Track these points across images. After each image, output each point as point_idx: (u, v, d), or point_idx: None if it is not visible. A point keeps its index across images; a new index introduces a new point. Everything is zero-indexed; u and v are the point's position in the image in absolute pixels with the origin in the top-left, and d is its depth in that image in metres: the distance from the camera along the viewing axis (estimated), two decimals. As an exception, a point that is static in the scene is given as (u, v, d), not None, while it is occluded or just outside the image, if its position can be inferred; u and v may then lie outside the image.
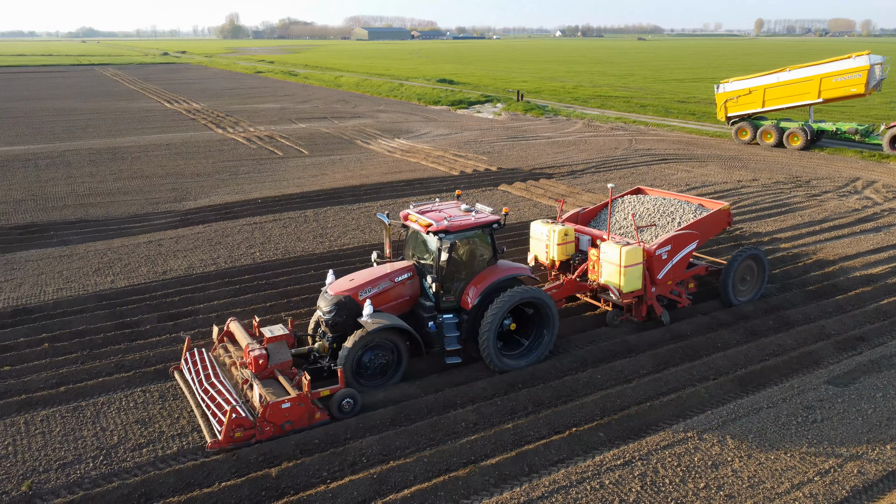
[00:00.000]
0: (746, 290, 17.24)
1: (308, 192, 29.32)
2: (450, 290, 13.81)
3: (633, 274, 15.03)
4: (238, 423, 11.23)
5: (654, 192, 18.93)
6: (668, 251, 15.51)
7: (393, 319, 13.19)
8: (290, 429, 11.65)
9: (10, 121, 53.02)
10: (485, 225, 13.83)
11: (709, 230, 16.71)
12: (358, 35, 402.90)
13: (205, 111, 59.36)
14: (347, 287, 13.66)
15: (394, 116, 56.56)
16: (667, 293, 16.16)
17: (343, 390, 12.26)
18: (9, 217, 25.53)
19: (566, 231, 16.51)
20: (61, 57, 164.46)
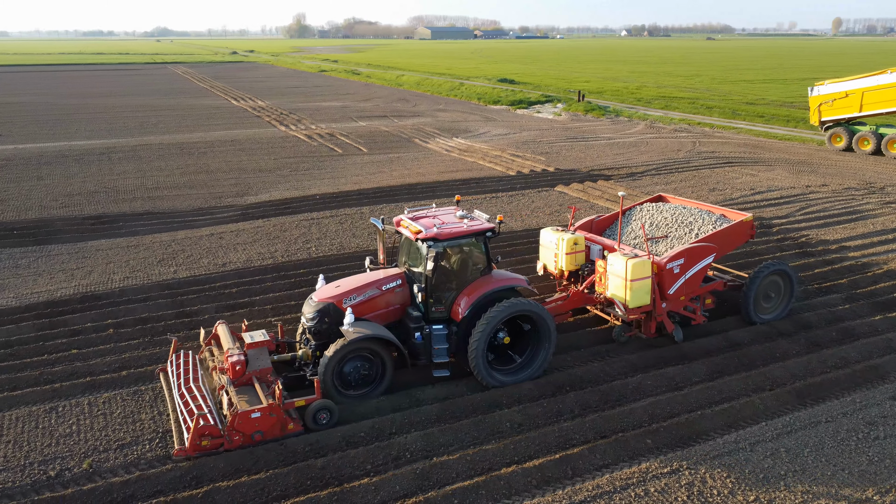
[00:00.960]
0: (771, 307, 16.15)
1: (365, 190, 29.71)
2: (440, 300, 13.20)
3: (641, 288, 14.11)
4: (205, 431, 10.88)
5: (676, 200, 17.81)
6: (680, 265, 14.51)
7: (375, 329, 12.65)
8: (261, 439, 11.25)
9: (89, 116, 55.57)
10: (477, 233, 13.15)
11: (728, 243, 15.64)
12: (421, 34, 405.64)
13: (269, 109, 60.86)
14: (332, 294, 13.19)
15: (453, 116, 56.72)
16: (679, 309, 15.17)
17: (319, 402, 11.79)
18: (82, 208, 26.79)
19: (576, 240, 15.72)
20: (137, 56, 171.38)
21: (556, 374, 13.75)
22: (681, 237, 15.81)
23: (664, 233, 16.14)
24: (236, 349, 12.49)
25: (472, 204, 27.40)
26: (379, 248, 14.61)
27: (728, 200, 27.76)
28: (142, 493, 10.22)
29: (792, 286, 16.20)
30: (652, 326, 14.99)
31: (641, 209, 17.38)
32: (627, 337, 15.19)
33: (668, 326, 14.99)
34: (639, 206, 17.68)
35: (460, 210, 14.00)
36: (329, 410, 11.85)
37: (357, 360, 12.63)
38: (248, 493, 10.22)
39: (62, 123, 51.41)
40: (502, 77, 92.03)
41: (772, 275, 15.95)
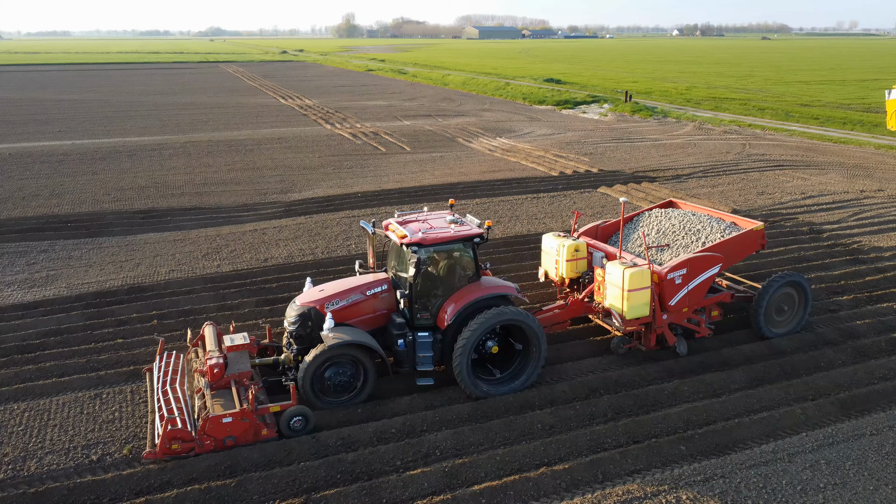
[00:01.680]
0: (784, 321, 15.36)
1: (406, 188, 29.88)
2: (426, 307, 12.88)
3: (639, 299, 13.47)
4: (176, 435, 10.77)
5: (687, 206, 17.10)
6: (682, 275, 13.82)
7: (356, 335, 12.45)
8: (233, 444, 11.10)
9: (143, 113, 57.26)
10: (465, 239, 12.82)
11: (735, 253, 14.85)
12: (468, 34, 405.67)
13: (316, 107, 61.71)
14: (315, 298, 13.02)
15: (497, 115, 56.61)
16: (682, 322, 14.40)
17: (294, 408, 11.59)
18: (133, 202, 27.63)
19: (577, 246, 15.17)
20: (190, 55, 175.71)
21: (590, 377, 13.62)
22: (686, 246, 15.08)
23: (670, 240, 15.41)
24: (217, 352, 12.35)
25: (513, 204, 27.34)
26: (369, 251, 14.38)
27: (777, 205, 27.04)
28: (177, 480, 10.49)
29: (807, 299, 15.34)
30: (652, 339, 14.27)
31: (650, 215, 16.65)
32: (626, 349, 14.55)
33: (670, 339, 14.29)
34: (647, 211, 16.99)
35: (451, 215, 13.58)
36: (304, 416, 11.60)
37: (338, 366, 12.39)
38: (279, 484, 10.41)
39: (117, 120, 53.09)
40: (549, 77, 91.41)
41: (785, 286, 15.09)
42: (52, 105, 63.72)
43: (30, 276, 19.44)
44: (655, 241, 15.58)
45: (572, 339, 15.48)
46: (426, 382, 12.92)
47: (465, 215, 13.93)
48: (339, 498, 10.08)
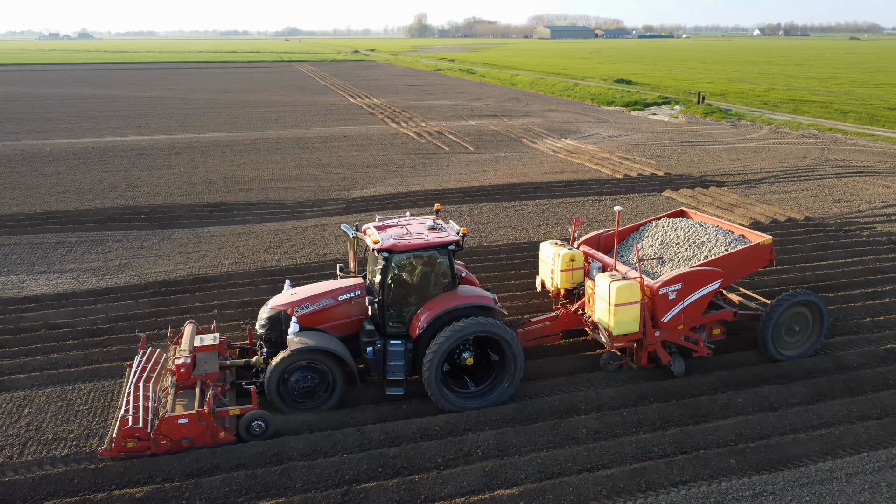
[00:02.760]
0: (796, 342, 14.36)
1: (467, 188, 29.95)
2: (398, 315, 12.62)
3: (627, 314, 12.82)
4: (132, 433, 10.73)
5: (698, 217, 16.14)
6: (677, 290, 12.98)
7: (322, 340, 12.23)
8: (189, 446, 10.99)
9: (216, 111, 59.36)
10: (439, 246, 12.44)
11: (738, 268, 13.89)
12: (540, 34, 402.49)
13: (383, 106, 62.54)
14: (286, 301, 12.89)
15: (564, 116, 56.02)
16: (676, 339, 13.56)
17: (254, 412, 11.46)
18: (202, 196, 28.71)
19: (572, 256, 14.55)
20: (266, 54, 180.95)
21: (641, 385, 13.35)
22: (688, 259, 14.25)
23: (672, 252, 14.62)
24: (187, 351, 12.37)
25: (573, 206, 27.03)
26: (350, 255, 14.17)
27: (854, 213, 25.79)
28: (226, 465, 10.86)
29: (822, 320, 14.23)
30: (643, 356, 13.52)
31: (657, 225, 15.85)
32: (616, 366, 13.88)
33: (663, 358, 13.50)
34: (654, 221, 16.16)
35: (434, 220, 13.26)
36: (264, 421, 11.46)
37: (304, 371, 12.20)
38: (322, 474, 10.64)
39: (193, 117, 55.23)
40: (619, 77, 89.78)
41: (797, 306, 14.07)
42: (134, 102, 66.82)
43: (104, 263, 20.48)
44: (657, 252, 14.83)
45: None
46: (396, 392, 12.50)
47: (448, 222, 13.57)
48: (379, 491, 10.23)
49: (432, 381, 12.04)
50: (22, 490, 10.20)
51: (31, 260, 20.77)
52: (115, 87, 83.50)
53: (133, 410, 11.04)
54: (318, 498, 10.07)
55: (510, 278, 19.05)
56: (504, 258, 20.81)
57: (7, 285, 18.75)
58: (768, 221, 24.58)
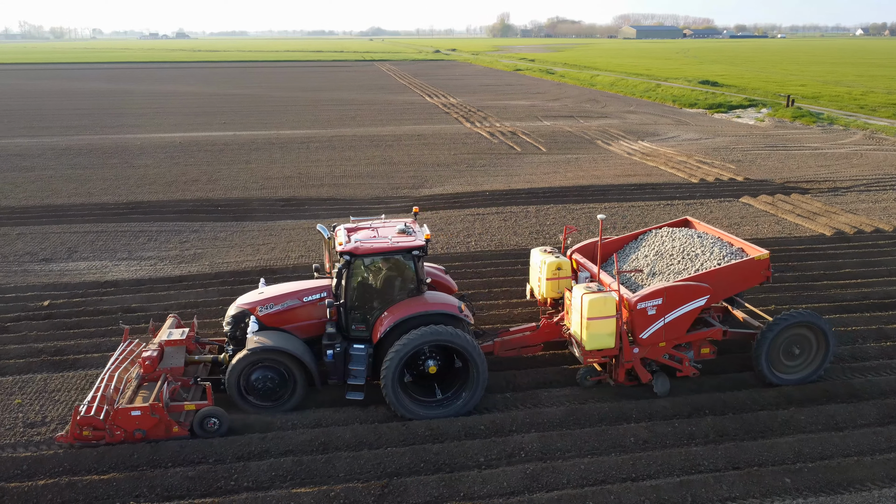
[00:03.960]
0: (797, 366, 13.35)
1: (535, 189, 29.74)
2: (361, 319, 12.47)
3: (600, 328, 12.22)
4: (88, 422, 10.94)
5: (701, 227, 15.19)
6: (657, 305, 12.24)
7: (280, 340, 12.17)
8: (142, 437, 11.13)
9: (298, 108, 61.18)
10: (403, 250, 12.25)
11: (729, 284, 13.04)
12: (625, 34, 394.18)
13: (459, 106, 62.82)
14: (252, 300, 12.92)
15: (642, 118, 54.74)
16: (658, 357, 12.81)
17: (208, 408, 11.51)
18: (276, 190, 29.68)
19: (559, 264, 13.98)
20: (349, 53, 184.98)
21: (697, 396, 12.91)
22: (679, 272, 13.42)
23: (666, 264, 13.83)
24: (156, 345, 12.60)
25: (642, 210, 26.41)
26: (325, 256, 14.08)
27: (949, 225, 24.08)
28: (275, 451, 11.24)
29: (827, 343, 13.18)
30: (620, 373, 12.86)
31: (656, 234, 15.02)
32: (593, 382, 13.20)
33: (642, 376, 12.79)
34: (655, 230, 15.33)
35: (403, 224, 13.06)
36: (218, 418, 11.49)
37: (265, 371, 12.17)
38: (365, 465, 10.85)
39: (275, 114, 57.11)
40: (704, 79, 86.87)
41: (796, 327, 13.08)
42: (222, 99, 69.69)
43: (180, 252, 21.51)
44: (651, 263, 14.07)
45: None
46: (355, 397, 12.31)
47: (422, 226, 13.36)
48: (419, 485, 10.34)
49: (389, 387, 11.81)
50: (87, 461, 10.87)
51: (115, 247, 22.06)
52: (205, 85, 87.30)
53: (90, 400, 11.28)
54: (358, 488, 10.27)
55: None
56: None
57: (91, 269, 19.99)
58: (853, 232, 23.30)
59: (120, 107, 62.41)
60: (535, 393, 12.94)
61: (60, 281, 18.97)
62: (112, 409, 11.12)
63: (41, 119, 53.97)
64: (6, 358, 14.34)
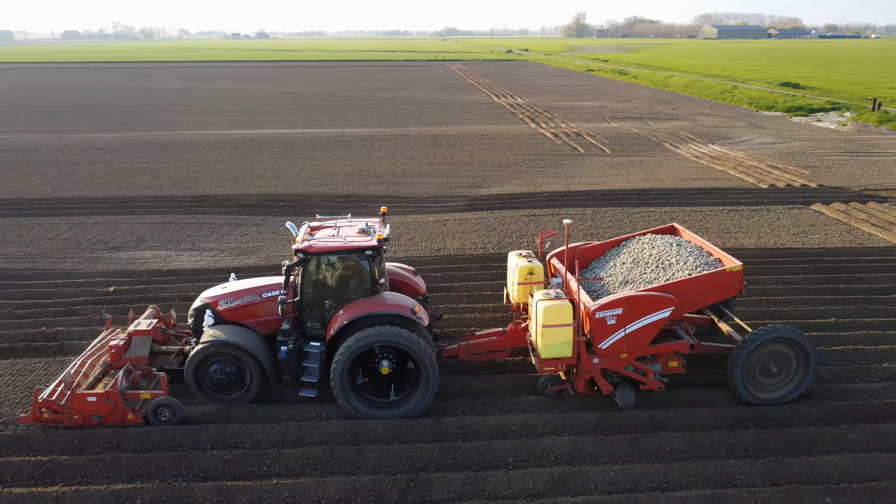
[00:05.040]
0: (774, 384, 12.64)
1: (595, 191, 29.30)
2: (317, 317, 12.53)
3: (556, 337, 11.91)
4: (48, 405, 11.33)
5: (686, 235, 14.70)
6: (617, 315, 11.84)
7: (233, 335, 12.31)
8: (98, 423, 11.45)
9: (366, 107, 62.18)
10: (357, 250, 12.23)
11: (696, 296, 12.49)
12: (706, 34, 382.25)
13: (526, 106, 62.47)
14: (214, 294, 13.13)
15: (715, 120, 53.05)
16: (619, 369, 12.40)
17: (161, 398, 11.75)
18: (337, 187, 30.31)
19: (531, 269, 13.66)
20: (422, 53, 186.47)
21: (739, 408, 12.48)
22: (650, 281, 12.96)
23: (640, 272, 13.36)
24: (126, 334, 12.97)
25: (704, 216, 25.65)
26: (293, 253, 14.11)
27: None
28: (309, 439, 11.56)
29: (808, 361, 12.45)
30: (580, 383, 12.56)
31: (638, 241, 14.60)
32: (554, 391, 12.89)
33: (603, 387, 12.44)
34: (639, 236, 14.87)
35: (365, 224, 13.08)
36: (171, 408, 11.74)
37: (221, 364, 12.35)
38: (393, 459, 11.02)
39: (342, 112, 58.24)
40: (785, 81, 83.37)
41: (774, 343, 12.39)
42: (294, 97, 71.58)
43: (240, 245, 22.29)
44: (627, 271, 13.59)
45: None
46: (308, 394, 12.40)
47: (386, 226, 13.35)
48: (444, 482, 10.42)
49: (337, 385, 11.87)
50: (133, 439, 11.44)
51: (180, 238, 23.05)
52: (279, 84, 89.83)
53: (56, 384, 11.72)
54: (384, 480, 10.45)
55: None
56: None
57: (156, 259, 20.97)
58: (930, 244, 21.96)
59: (198, 104, 65.02)
60: (563, 397, 12.77)
61: (127, 268, 19.99)
62: (71, 394, 11.51)
63: (125, 115, 56.83)
64: (71, 339, 15.24)
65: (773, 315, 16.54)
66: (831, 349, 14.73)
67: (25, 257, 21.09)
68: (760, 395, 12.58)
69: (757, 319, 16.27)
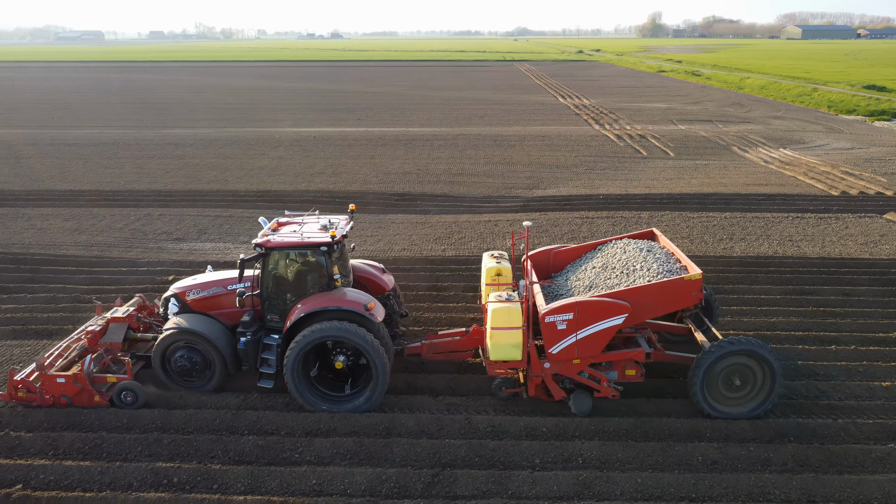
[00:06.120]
0: (738, 398, 12.12)
1: (653, 195, 28.72)
2: (277, 309, 12.82)
3: (505, 339, 11.85)
4: (21, 384, 12.13)
5: (662, 241, 14.23)
6: (567, 320, 11.64)
7: (195, 324, 12.80)
8: (67, 404, 12.16)
9: (430, 107, 62.69)
10: (311, 246, 12.44)
11: (654, 304, 12.06)
12: (789, 34, 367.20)
13: (591, 107, 61.65)
14: (185, 285, 13.61)
15: (789, 124, 51.03)
16: (573, 375, 12.17)
17: (125, 382, 12.37)
18: (393, 185, 30.74)
19: (499, 270, 13.59)
20: (491, 53, 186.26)
21: (783, 420, 12.06)
22: (612, 287, 12.65)
23: (607, 276, 13.11)
24: (104, 320, 13.63)
25: (767, 223, 24.80)
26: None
27: None
28: (341, 430, 11.87)
29: (773, 375, 11.86)
30: (531, 387, 12.44)
31: (614, 245, 14.29)
32: (508, 394, 12.77)
33: (554, 392, 12.32)
34: (614, 241, 14.52)
35: (328, 220, 13.33)
36: (134, 392, 12.32)
37: (186, 351, 12.83)
38: (421, 453, 11.17)
39: (407, 112, 58.92)
40: (870, 84, 79.29)
41: (736, 355, 11.87)
42: (361, 96, 72.84)
43: (295, 239, 22.89)
44: (595, 275, 13.30)
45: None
46: (266, 384, 12.72)
47: (349, 223, 13.63)
48: (467, 478, 10.50)
49: (289, 377, 12.19)
50: (177, 421, 11.99)
51: (239, 231, 23.90)
52: (349, 83, 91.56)
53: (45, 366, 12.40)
54: (410, 473, 10.61)
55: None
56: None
57: (215, 250, 21.83)
58: None
59: (268, 102, 67.03)
60: (598, 401, 12.60)
61: (187, 259, 20.88)
62: (43, 375, 12.25)
63: (198, 112, 59.18)
64: (129, 324, 16.03)
65: (828, 327, 15.89)
66: (889, 365, 14.05)
67: (96, 245, 22.33)
68: (723, 408, 12.16)
69: (811, 332, 15.70)
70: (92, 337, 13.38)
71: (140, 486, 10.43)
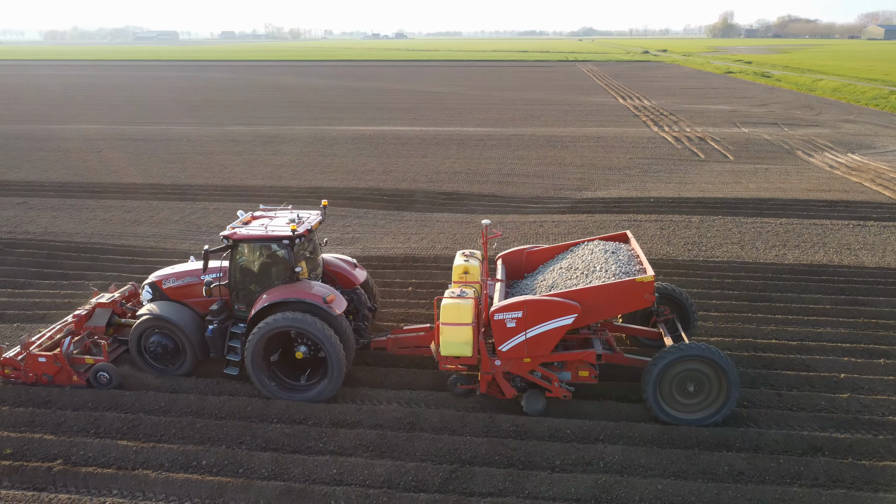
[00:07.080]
0: (693, 405, 11.91)
1: (706, 199, 28.01)
2: (243, 299, 13.33)
3: (454, 335, 12.01)
4: (9, 363, 12.94)
5: (632, 244, 13.97)
6: (517, 318, 11.67)
7: (167, 311, 13.36)
8: (48, 382, 12.96)
9: (486, 107, 62.66)
10: (274, 239, 12.89)
11: (605, 305, 11.94)
12: (871, 34, 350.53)
13: (651, 108, 60.44)
14: (163, 274, 14.21)
15: (861, 128, 48.82)
16: (523, 373, 12.17)
17: (101, 363, 13.07)
18: (442, 184, 30.91)
19: (466, 268, 13.62)
20: (554, 53, 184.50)
21: (818, 434, 11.66)
22: (570, 287, 12.57)
23: (569, 277, 13.03)
24: (91, 305, 14.32)
25: (825, 230, 23.88)
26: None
27: None
28: (366, 422, 12.11)
29: (729, 382, 11.55)
30: (482, 384, 12.44)
31: (585, 247, 14.24)
32: (463, 391, 12.85)
33: (506, 391, 12.35)
34: (587, 241, 14.48)
35: (296, 215, 13.80)
36: (109, 373, 13.02)
37: (159, 337, 13.46)
38: (442, 449, 11.30)
39: (464, 111, 59.04)
40: (955, 86, 75.06)
41: (689, 360, 11.65)
42: (420, 96, 73.37)
43: (341, 235, 23.38)
44: (558, 275, 13.19)
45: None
46: (231, 372, 13.28)
47: (318, 218, 13.95)
48: (485, 476, 10.57)
49: (250, 365, 12.67)
50: (210, 407, 12.44)
51: (288, 226, 24.49)
52: (408, 83, 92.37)
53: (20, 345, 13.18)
54: (428, 468, 10.75)
55: (712, 297, 17.70)
56: (716, 275, 19.34)
57: (263, 244, 22.44)
58: None
59: (329, 101, 68.32)
60: (628, 406, 12.45)
61: (236, 251, 21.54)
62: (27, 354, 13.02)
63: (261, 110, 60.81)
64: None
65: (878, 340, 15.24)
66: (941, 381, 13.38)
67: (152, 237, 23.33)
68: (678, 415, 11.98)
69: (860, 344, 15.08)
70: (78, 320, 14.13)
71: (171, 467, 10.91)
